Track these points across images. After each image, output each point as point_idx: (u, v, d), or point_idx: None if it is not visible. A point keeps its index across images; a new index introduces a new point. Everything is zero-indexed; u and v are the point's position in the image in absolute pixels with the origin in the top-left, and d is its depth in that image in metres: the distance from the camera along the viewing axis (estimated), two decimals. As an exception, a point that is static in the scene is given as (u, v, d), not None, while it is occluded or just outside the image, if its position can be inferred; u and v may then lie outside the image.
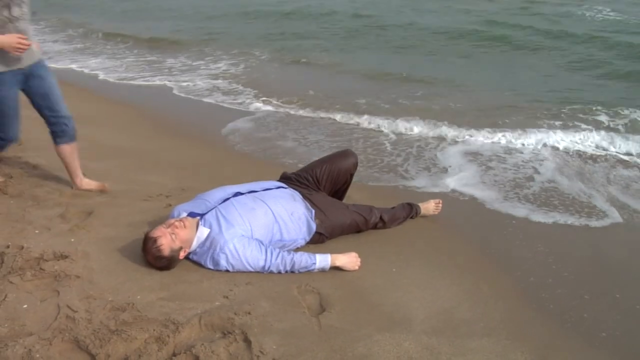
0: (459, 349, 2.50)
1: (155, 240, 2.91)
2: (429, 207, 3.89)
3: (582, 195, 4.41)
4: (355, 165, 3.72)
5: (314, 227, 3.33)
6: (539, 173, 4.91)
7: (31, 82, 3.57)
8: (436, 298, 2.92)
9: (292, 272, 3.04)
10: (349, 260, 3.14)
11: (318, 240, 3.38)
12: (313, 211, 3.36)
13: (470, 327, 2.68)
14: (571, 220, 4.00)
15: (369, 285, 3.01)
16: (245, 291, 2.83)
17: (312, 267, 3.06)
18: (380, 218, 3.61)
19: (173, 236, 2.93)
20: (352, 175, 3.75)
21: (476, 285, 3.08)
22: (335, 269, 3.11)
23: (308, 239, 3.34)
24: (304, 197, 3.43)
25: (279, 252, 3.04)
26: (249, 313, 2.60)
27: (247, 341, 2.41)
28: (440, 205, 3.92)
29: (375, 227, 3.61)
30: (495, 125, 6.19)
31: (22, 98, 3.59)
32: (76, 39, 13.36)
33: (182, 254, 2.99)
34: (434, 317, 2.74)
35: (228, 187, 3.43)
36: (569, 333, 2.71)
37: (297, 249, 3.28)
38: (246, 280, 2.92)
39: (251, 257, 2.98)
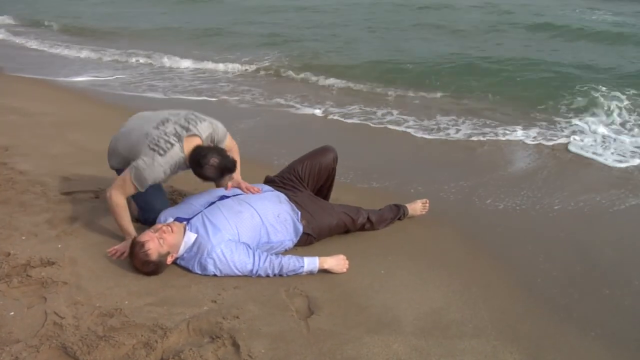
0: (448, 350, 2.51)
1: (142, 244, 2.90)
2: (417, 207, 3.89)
3: (572, 195, 4.43)
4: (335, 160, 3.73)
5: (300, 228, 3.32)
6: (525, 171, 4.93)
7: None
8: (425, 299, 2.93)
9: (281, 275, 3.04)
10: (337, 262, 3.14)
11: (306, 241, 3.38)
12: (299, 212, 3.36)
13: (459, 328, 2.68)
14: (559, 220, 4.01)
15: (358, 287, 3.01)
16: (234, 295, 2.82)
17: (300, 270, 3.05)
18: (368, 219, 3.61)
19: (161, 241, 2.91)
20: (334, 170, 3.75)
21: (465, 286, 3.09)
22: (324, 271, 3.11)
23: (295, 240, 3.33)
24: (290, 199, 3.42)
25: (267, 256, 3.04)
26: (237, 317, 2.60)
27: (235, 345, 2.41)
28: (428, 204, 3.93)
29: (362, 227, 3.62)
30: (485, 123, 6.25)
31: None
32: (77, 45, 13.22)
33: (169, 259, 2.98)
34: (423, 318, 2.74)
35: (214, 190, 3.43)
36: (558, 332, 2.71)
37: (285, 252, 3.28)
38: (234, 285, 2.91)
39: (239, 261, 2.97)
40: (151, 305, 2.69)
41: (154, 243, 2.90)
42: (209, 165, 3.12)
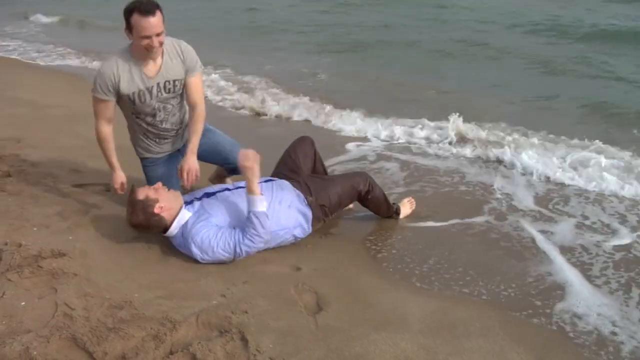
0: (455, 349, 2.50)
1: (134, 188, 3.11)
2: (405, 204, 3.93)
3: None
4: (313, 144, 3.77)
5: (309, 213, 3.33)
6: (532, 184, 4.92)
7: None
8: (432, 297, 2.93)
9: (267, 239, 3.11)
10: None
11: (321, 216, 3.40)
12: (302, 196, 3.36)
13: (467, 327, 2.68)
14: (564, 221, 4.00)
15: (366, 284, 3.02)
16: (243, 290, 2.84)
17: (260, 209, 3.07)
18: (367, 182, 3.59)
19: (153, 190, 3.09)
20: (316, 153, 3.78)
21: (472, 285, 3.09)
22: (330, 269, 3.12)
23: (307, 226, 3.33)
24: (292, 183, 3.44)
25: (244, 229, 3.07)
26: (246, 312, 2.61)
27: (244, 340, 2.42)
28: (414, 203, 3.96)
29: (368, 187, 3.58)
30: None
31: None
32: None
33: (157, 209, 3.04)
34: (431, 316, 2.75)
35: (218, 186, 3.47)
36: (565, 334, 2.71)
37: (296, 240, 3.33)
38: (243, 279, 2.93)
39: (222, 241, 3.02)
40: (161, 298, 2.71)
41: (145, 189, 3.10)
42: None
